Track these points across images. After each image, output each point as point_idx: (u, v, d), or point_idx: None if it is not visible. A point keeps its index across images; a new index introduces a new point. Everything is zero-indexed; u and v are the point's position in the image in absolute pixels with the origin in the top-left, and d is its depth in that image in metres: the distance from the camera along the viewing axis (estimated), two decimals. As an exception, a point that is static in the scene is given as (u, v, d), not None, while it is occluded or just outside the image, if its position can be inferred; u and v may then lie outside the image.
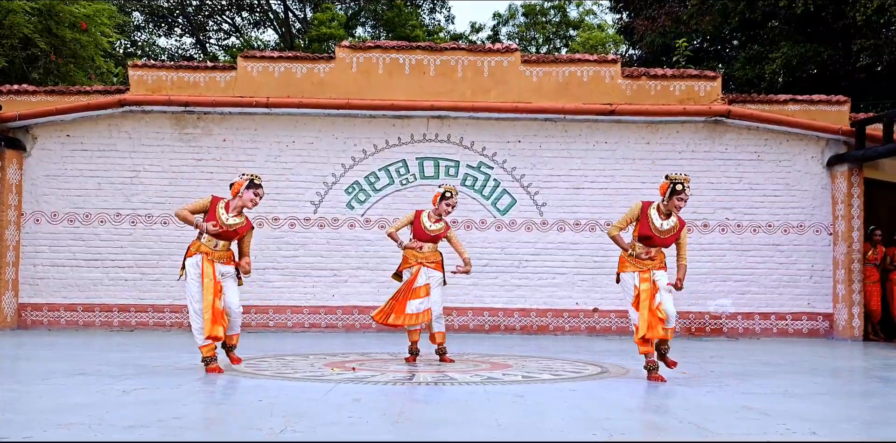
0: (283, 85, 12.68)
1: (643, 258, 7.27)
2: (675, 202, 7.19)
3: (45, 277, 12.59)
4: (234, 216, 7.26)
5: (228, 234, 7.25)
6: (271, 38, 32.60)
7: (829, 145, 12.95)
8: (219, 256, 7.25)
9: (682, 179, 7.19)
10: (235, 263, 7.39)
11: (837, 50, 18.06)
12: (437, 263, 8.44)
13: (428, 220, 8.43)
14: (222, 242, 7.27)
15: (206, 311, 7.14)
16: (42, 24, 17.17)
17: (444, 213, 8.42)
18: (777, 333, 12.76)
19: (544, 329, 12.71)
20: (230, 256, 7.35)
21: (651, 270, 7.26)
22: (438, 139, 12.83)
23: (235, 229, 7.25)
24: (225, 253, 7.29)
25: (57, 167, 12.71)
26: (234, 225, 7.24)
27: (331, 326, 12.65)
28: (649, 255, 7.25)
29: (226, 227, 7.20)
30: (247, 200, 7.23)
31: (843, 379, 8.05)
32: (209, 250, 7.21)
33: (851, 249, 12.63)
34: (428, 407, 5.71)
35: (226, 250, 7.30)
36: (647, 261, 7.28)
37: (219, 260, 7.24)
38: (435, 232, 8.39)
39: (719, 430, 4.83)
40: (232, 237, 7.29)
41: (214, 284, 7.16)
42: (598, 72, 12.86)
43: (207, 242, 7.24)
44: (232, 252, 7.39)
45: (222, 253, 7.27)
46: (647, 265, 7.27)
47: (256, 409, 5.38)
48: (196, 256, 7.23)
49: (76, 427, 4.58)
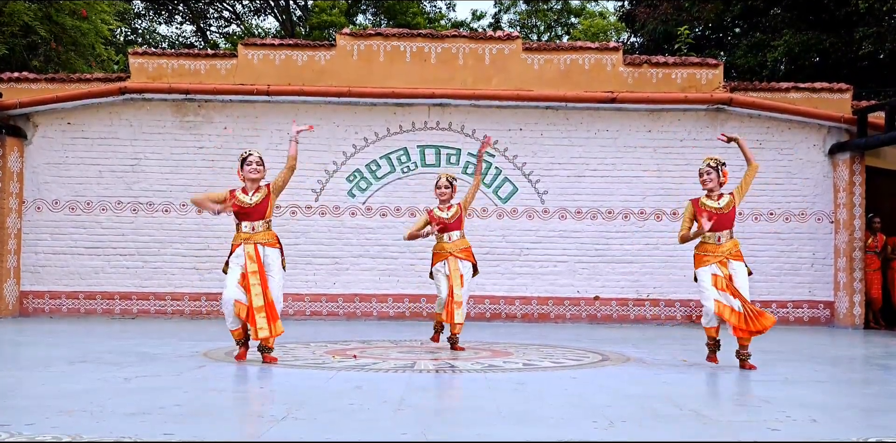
0: (283, 73, 12.66)
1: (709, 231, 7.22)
2: (701, 181, 7.36)
3: (47, 265, 12.61)
4: (253, 194, 7.31)
5: (256, 211, 7.26)
6: (272, 26, 32.53)
7: (831, 133, 12.92)
8: (261, 237, 7.26)
9: (705, 159, 7.44)
10: (280, 245, 7.39)
11: (840, 38, 17.99)
12: (467, 250, 8.48)
13: (440, 212, 8.47)
14: (257, 223, 7.28)
15: (226, 304, 7.17)
16: (42, 12, 17.11)
17: (441, 197, 8.45)
18: (778, 321, 12.74)
19: (545, 317, 12.72)
20: (273, 237, 7.35)
21: (728, 259, 7.24)
22: (440, 127, 12.81)
23: (257, 204, 7.27)
24: (266, 233, 7.30)
25: (58, 155, 12.70)
26: (257, 200, 7.28)
27: (332, 314, 12.66)
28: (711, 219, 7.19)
29: (249, 206, 7.24)
30: (247, 175, 7.29)
31: (843, 367, 8.06)
32: (250, 235, 7.24)
33: (853, 237, 12.62)
34: (429, 395, 5.72)
35: (266, 231, 7.31)
36: (718, 247, 7.23)
37: (261, 241, 7.25)
38: (453, 218, 8.42)
39: (720, 417, 4.84)
40: (262, 213, 7.29)
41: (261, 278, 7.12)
42: (599, 59, 12.82)
43: (245, 228, 7.27)
44: (274, 234, 7.39)
45: (263, 234, 7.28)
46: (723, 254, 7.23)
47: (258, 396, 5.39)
48: (238, 249, 7.24)
49: (78, 414, 4.59)
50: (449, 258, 8.38)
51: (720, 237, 7.28)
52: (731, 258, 7.25)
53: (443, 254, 8.42)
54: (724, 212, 7.29)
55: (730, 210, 7.30)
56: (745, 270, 7.29)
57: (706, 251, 7.31)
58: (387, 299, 12.69)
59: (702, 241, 7.36)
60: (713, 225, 7.21)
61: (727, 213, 7.30)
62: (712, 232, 7.27)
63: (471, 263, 8.51)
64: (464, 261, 8.44)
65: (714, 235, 7.28)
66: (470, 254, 8.51)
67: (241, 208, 7.25)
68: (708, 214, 7.24)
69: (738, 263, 7.26)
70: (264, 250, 7.24)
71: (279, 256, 7.33)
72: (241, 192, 7.32)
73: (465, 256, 8.45)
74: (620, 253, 12.80)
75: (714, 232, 7.27)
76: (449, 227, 8.42)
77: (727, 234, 7.30)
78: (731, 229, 7.35)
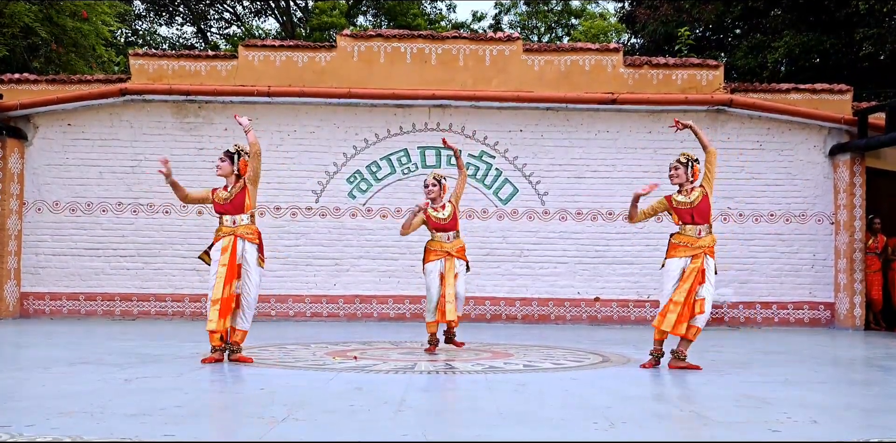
0: (284, 74, 12.66)
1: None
2: (672, 178, 7.52)
3: (47, 267, 12.61)
4: (232, 188, 7.45)
5: (233, 204, 7.39)
6: (272, 27, 32.58)
7: (832, 134, 12.92)
8: (243, 230, 7.37)
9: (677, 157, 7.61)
10: (259, 241, 7.47)
11: (840, 39, 17.99)
12: (461, 249, 8.52)
13: (435, 212, 8.47)
14: (238, 217, 7.38)
15: (215, 304, 7.17)
16: (43, 14, 17.12)
17: (430, 196, 8.47)
18: (778, 322, 12.77)
19: (546, 318, 12.72)
20: (254, 231, 7.44)
21: (704, 254, 7.31)
22: (440, 128, 12.81)
23: (233, 198, 7.41)
24: (248, 227, 7.40)
25: (58, 156, 12.70)
26: (232, 194, 7.42)
27: (332, 315, 12.66)
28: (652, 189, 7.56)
29: (224, 200, 7.42)
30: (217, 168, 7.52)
31: (843, 368, 8.06)
32: (232, 228, 7.36)
33: (853, 238, 12.62)
34: (429, 396, 5.72)
35: (248, 224, 7.41)
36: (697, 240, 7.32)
37: (242, 234, 7.35)
38: (449, 218, 8.44)
39: (720, 418, 4.84)
40: (240, 206, 7.39)
41: (227, 271, 7.21)
42: (599, 61, 12.83)
43: (226, 221, 7.40)
44: (256, 229, 7.48)
45: (245, 227, 7.38)
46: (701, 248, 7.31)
47: (258, 397, 5.39)
48: (220, 241, 7.36)
49: (78, 415, 4.59)
50: (446, 258, 8.39)
51: (700, 230, 7.39)
52: (707, 254, 7.36)
53: (440, 252, 8.40)
54: (695, 206, 7.41)
55: (700, 202, 7.41)
56: (714, 268, 7.42)
57: (683, 242, 7.40)
58: (387, 301, 12.69)
59: (680, 232, 7.46)
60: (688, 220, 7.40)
61: (699, 205, 7.41)
62: (693, 225, 7.38)
63: (465, 261, 8.54)
64: (459, 259, 8.47)
65: (695, 228, 7.39)
66: (463, 253, 8.55)
67: (217, 204, 7.46)
68: (651, 186, 7.61)
69: (712, 260, 7.41)
70: (243, 245, 7.35)
71: (256, 253, 7.41)
72: (222, 188, 7.53)
73: (460, 255, 8.49)
74: (621, 254, 12.80)
75: (694, 225, 7.39)
76: (446, 227, 8.43)
77: (706, 228, 7.42)
78: (710, 224, 7.47)
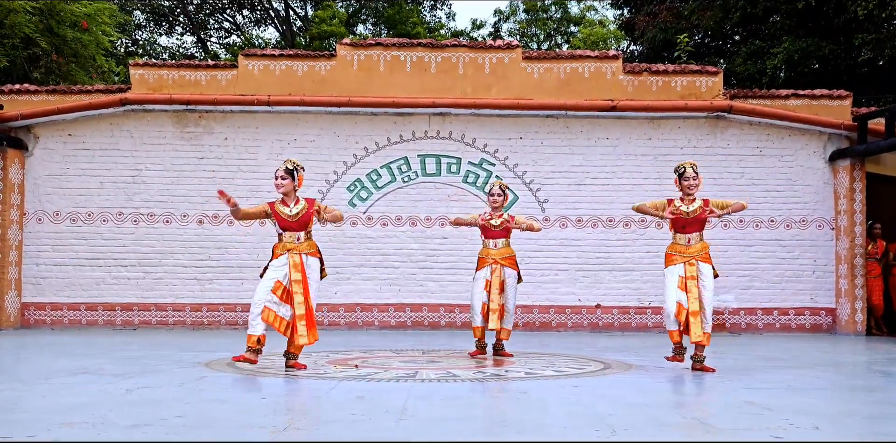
0: (284, 83, 12.68)
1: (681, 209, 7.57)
2: (685, 185, 7.60)
3: (48, 277, 12.60)
4: (294, 206, 7.45)
5: (298, 223, 7.43)
6: (272, 37, 32.63)
7: (831, 140, 12.93)
8: (304, 247, 7.44)
9: (685, 164, 7.65)
10: (320, 254, 7.56)
11: (839, 45, 18.01)
12: (511, 258, 8.69)
13: (491, 218, 8.73)
14: (301, 234, 7.44)
15: (256, 305, 7.26)
16: (43, 24, 17.16)
17: (494, 205, 8.71)
18: (780, 328, 12.75)
19: (547, 326, 12.71)
20: (314, 247, 7.52)
21: (696, 260, 7.50)
22: (440, 136, 12.83)
23: (299, 217, 7.43)
24: (308, 243, 7.48)
25: (59, 166, 12.71)
26: (298, 213, 7.43)
27: (333, 323, 12.65)
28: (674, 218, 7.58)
29: (289, 217, 7.41)
30: (277, 187, 7.46)
31: (845, 374, 8.04)
32: (295, 245, 7.41)
33: (854, 243, 12.61)
34: (431, 404, 5.71)
35: (308, 240, 7.48)
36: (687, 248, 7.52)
37: (304, 251, 7.44)
38: (500, 226, 8.66)
39: (722, 425, 4.83)
40: (304, 225, 7.45)
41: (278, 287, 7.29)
42: (599, 68, 12.85)
43: (289, 238, 7.43)
44: (315, 243, 7.56)
45: (306, 244, 7.46)
46: (692, 254, 7.51)
47: (259, 407, 5.38)
48: (282, 258, 7.39)
49: (79, 426, 4.58)
50: (493, 266, 8.58)
51: (690, 239, 7.61)
52: (699, 260, 7.54)
53: (486, 260, 8.67)
54: (691, 217, 7.59)
55: (697, 215, 7.58)
56: (712, 273, 7.60)
57: (676, 251, 7.64)
58: (388, 309, 12.68)
59: (673, 242, 7.70)
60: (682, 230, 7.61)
61: (695, 217, 7.59)
62: (683, 234, 7.60)
63: (515, 272, 8.71)
64: (508, 268, 8.62)
65: (685, 237, 7.62)
66: (514, 262, 8.73)
67: (282, 220, 7.44)
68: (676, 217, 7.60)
69: (706, 265, 7.58)
70: (307, 260, 7.43)
71: (319, 265, 7.53)
72: (281, 203, 7.49)
73: (510, 264, 8.66)
74: (622, 261, 12.80)
75: (684, 234, 7.61)
76: (496, 234, 8.67)
77: (696, 236, 7.63)
78: (701, 232, 7.66)
